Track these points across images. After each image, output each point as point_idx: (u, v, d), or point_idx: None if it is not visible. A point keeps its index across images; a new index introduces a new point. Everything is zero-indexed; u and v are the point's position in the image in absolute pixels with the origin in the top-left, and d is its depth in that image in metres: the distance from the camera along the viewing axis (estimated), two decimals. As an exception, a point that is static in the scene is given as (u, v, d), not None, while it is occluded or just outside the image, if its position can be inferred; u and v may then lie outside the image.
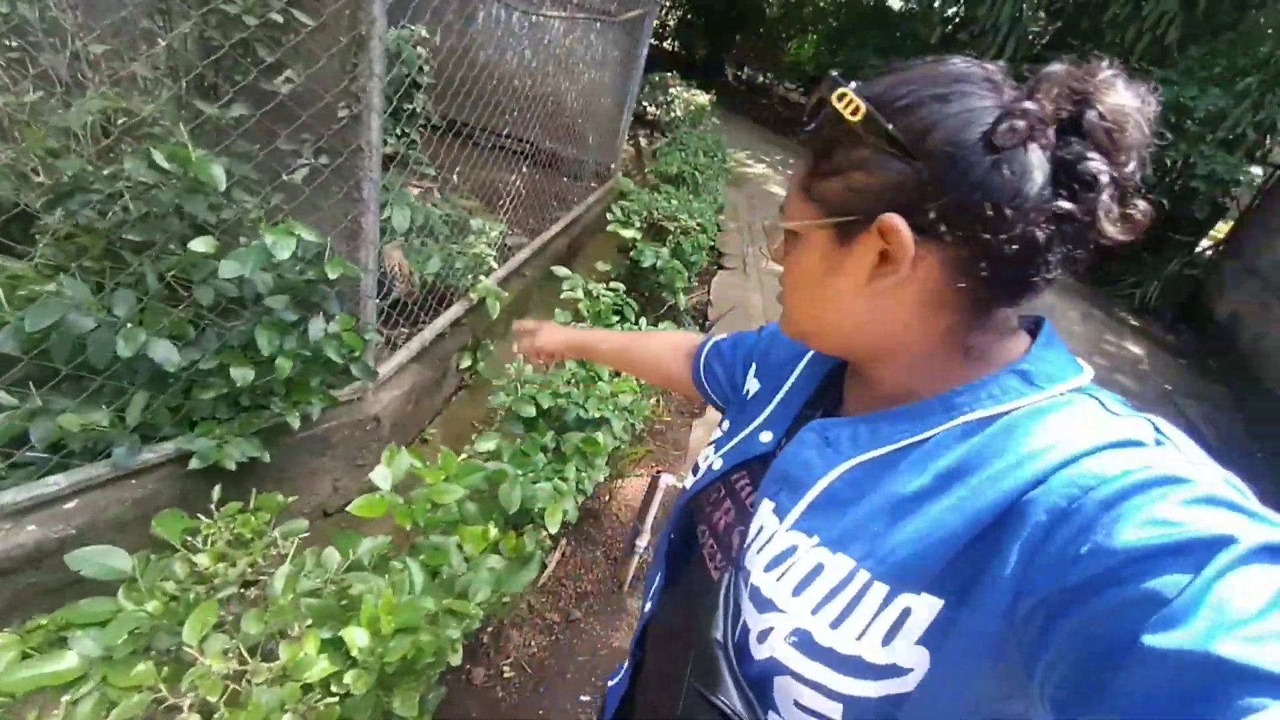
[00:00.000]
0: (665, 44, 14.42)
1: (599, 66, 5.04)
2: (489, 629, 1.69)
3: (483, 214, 3.82)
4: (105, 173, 1.11)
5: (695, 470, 0.69)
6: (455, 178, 4.37)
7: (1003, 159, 0.41)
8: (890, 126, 0.43)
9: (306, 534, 1.07)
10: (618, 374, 1.77)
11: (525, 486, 1.38)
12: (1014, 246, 0.42)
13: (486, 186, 4.42)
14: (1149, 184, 0.44)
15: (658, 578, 0.72)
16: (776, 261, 0.55)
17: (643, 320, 2.23)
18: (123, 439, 1.35)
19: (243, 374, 1.40)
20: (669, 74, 8.25)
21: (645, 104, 8.11)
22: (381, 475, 1.29)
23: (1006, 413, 0.45)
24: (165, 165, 1.08)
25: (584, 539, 2.09)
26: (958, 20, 9.21)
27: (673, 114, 7.42)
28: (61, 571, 1.01)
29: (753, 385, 0.71)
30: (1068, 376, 0.46)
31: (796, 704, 0.48)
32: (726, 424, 0.70)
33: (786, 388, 0.65)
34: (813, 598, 0.47)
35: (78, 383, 1.29)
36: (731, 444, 0.65)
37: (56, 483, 1.30)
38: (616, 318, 2.07)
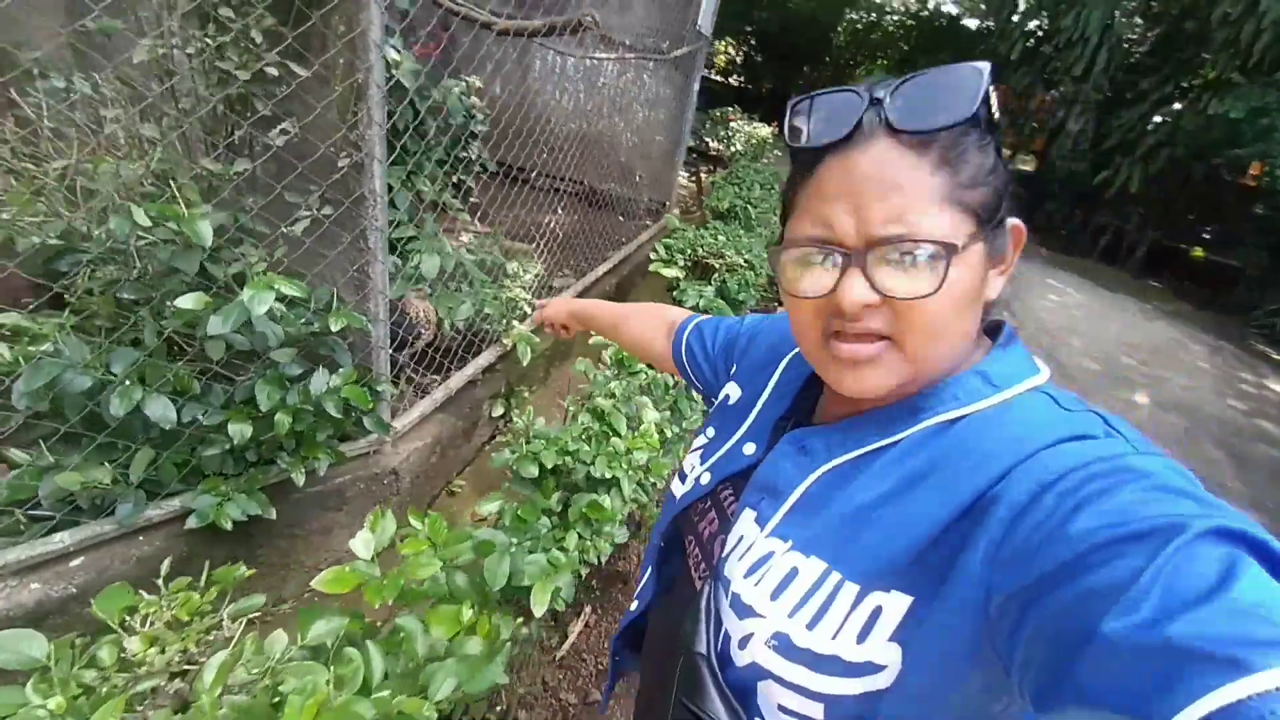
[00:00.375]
0: (731, 79, 14.51)
1: (652, 104, 5.04)
2: (497, 709, 1.55)
3: (531, 256, 3.83)
4: (97, 232, 1.11)
5: (683, 478, 0.69)
6: (507, 220, 4.46)
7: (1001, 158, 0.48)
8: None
9: (259, 613, 0.98)
10: (635, 428, 1.62)
11: (519, 557, 1.25)
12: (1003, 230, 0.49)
13: (539, 228, 4.47)
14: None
15: (646, 580, 0.74)
16: (902, 298, 0.45)
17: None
18: (128, 496, 1.34)
19: (240, 430, 1.37)
20: (730, 108, 8.22)
21: (708, 139, 8.09)
22: (362, 542, 1.19)
23: (967, 415, 0.47)
24: (144, 222, 1.07)
25: (610, 605, 1.92)
26: (1040, 34, 8.67)
27: (733, 148, 7.34)
28: (60, 631, 0.98)
29: (733, 391, 0.71)
30: (1025, 377, 0.48)
31: (780, 708, 0.48)
32: (711, 431, 0.70)
33: (765, 396, 0.66)
34: (789, 600, 0.48)
35: (92, 440, 1.30)
36: (717, 456, 0.66)
37: (62, 540, 1.30)
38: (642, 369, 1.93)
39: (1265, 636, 0.28)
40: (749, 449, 0.63)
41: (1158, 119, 7.64)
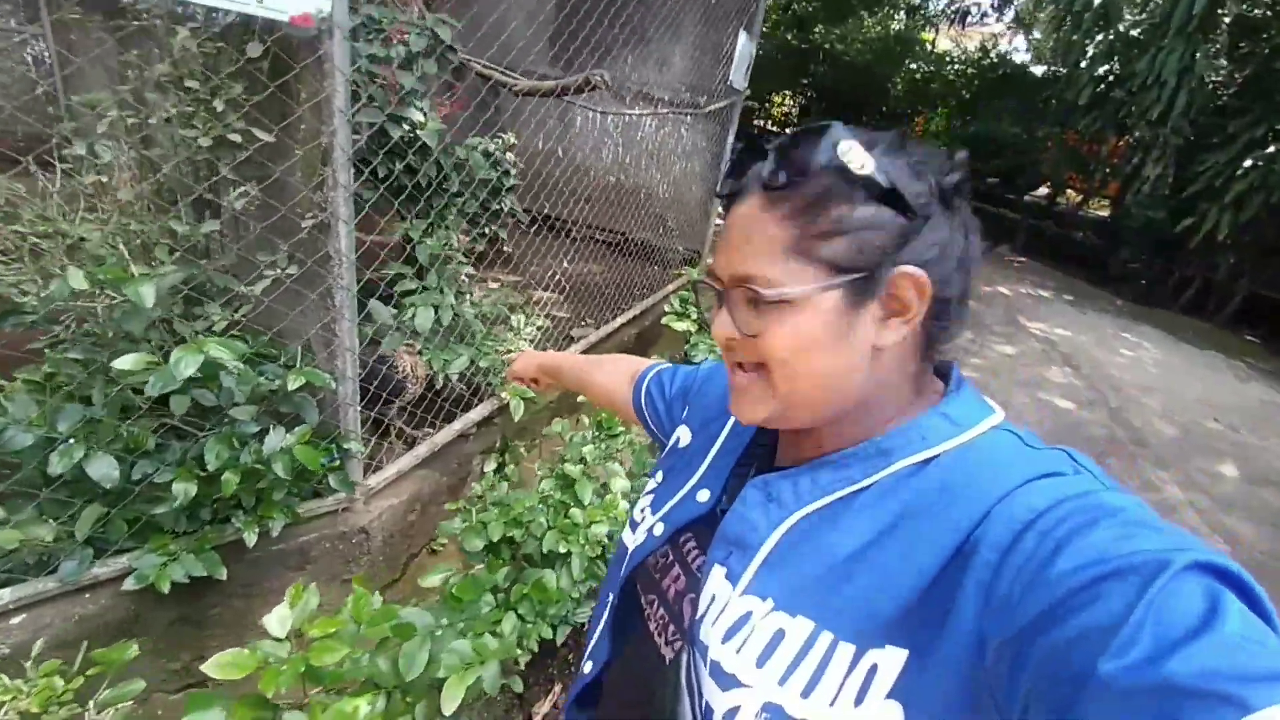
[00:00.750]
0: (789, 130, 14.56)
1: (688, 157, 5.07)
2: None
3: (537, 308, 3.83)
4: (43, 295, 1.13)
5: (634, 527, 0.65)
6: (540, 270, 4.51)
7: (953, 214, 0.47)
8: (889, 179, 0.45)
9: (130, 701, 0.92)
10: (601, 495, 1.51)
11: (446, 640, 1.15)
12: (957, 291, 0.48)
13: (570, 278, 4.50)
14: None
15: (598, 639, 0.68)
16: (747, 335, 0.49)
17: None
18: (73, 552, 1.34)
19: (184, 489, 1.35)
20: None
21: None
22: (277, 619, 1.13)
23: (937, 456, 0.47)
24: (80, 286, 1.08)
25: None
26: (1111, 78, 8.28)
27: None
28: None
29: (684, 435, 0.69)
30: (984, 416, 0.49)
31: None
32: (661, 475, 0.68)
33: (720, 441, 0.64)
34: (778, 667, 0.45)
35: (46, 496, 1.31)
36: (670, 505, 0.63)
37: (1, 597, 1.30)
38: (621, 430, 1.83)
39: (1259, 671, 0.28)
40: (703, 496, 0.60)
41: (1248, 163, 7.05)
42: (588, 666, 0.69)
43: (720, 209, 0.55)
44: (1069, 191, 10.79)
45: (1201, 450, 4.17)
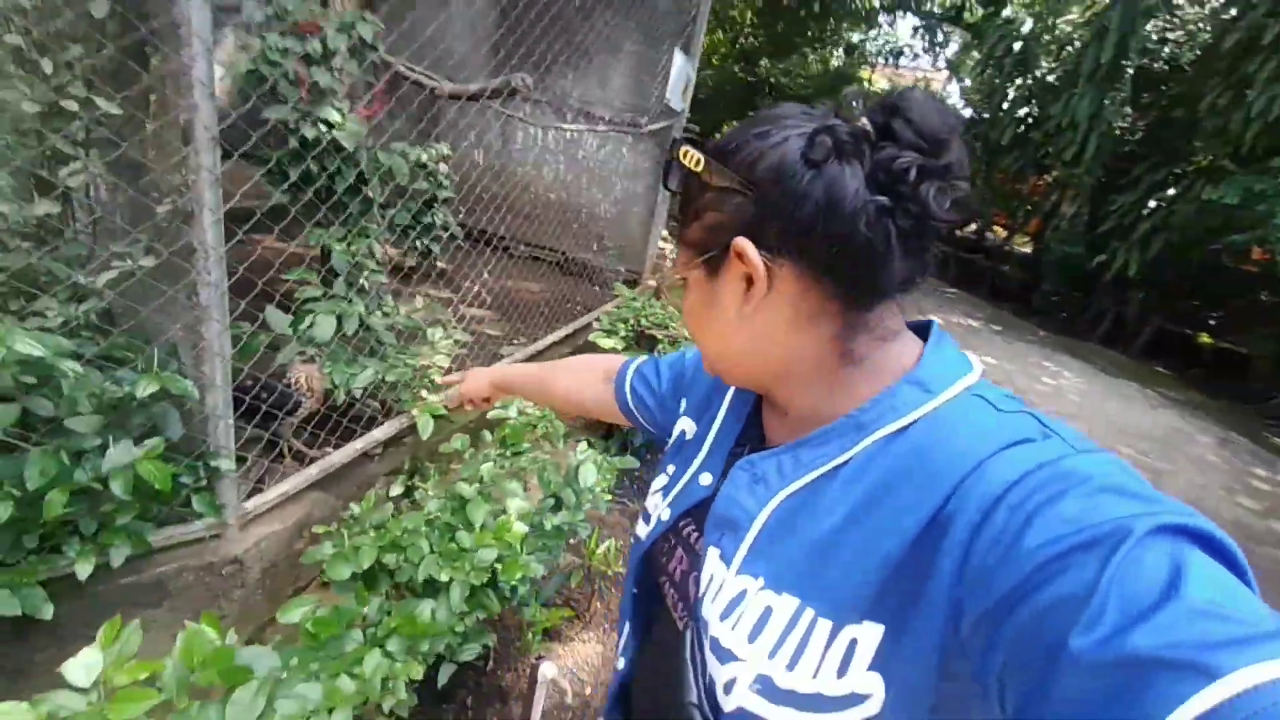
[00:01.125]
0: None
1: (630, 177, 5.05)
2: None
3: (449, 325, 3.69)
4: None
5: (646, 519, 0.68)
6: (475, 286, 4.36)
7: (820, 173, 0.45)
8: (723, 167, 0.49)
9: None
10: (498, 516, 1.38)
11: (291, 684, 0.99)
12: (849, 247, 0.46)
13: (506, 294, 4.36)
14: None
15: (626, 633, 0.72)
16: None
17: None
18: None
19: (-7, 514, 1.15)
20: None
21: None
22: (82, 665, 0.95)
23: (911, 424, 0.47)
24: None
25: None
26: (1030, 121, 8.83)
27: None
28: None
29: (688, 426, 0.71)
30: (959, 376, 0.48)
31: None
32: (671, 468, 0.69)
33: (716, 425, 0.66)
34: (767, 642, 0.48)
35: None
36: (675, 490, 0.65)
37: None
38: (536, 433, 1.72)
39: (1223, 636, 0.29)
40: (705, 479, 0.62)
41: (1153, 204, 7.60)
42: (620, 663, 0.72)
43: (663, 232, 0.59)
44: (996, 227, 11.40)
45: (1117, 472, 4.33)
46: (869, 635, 0.44)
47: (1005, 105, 8.95)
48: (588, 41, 4.65)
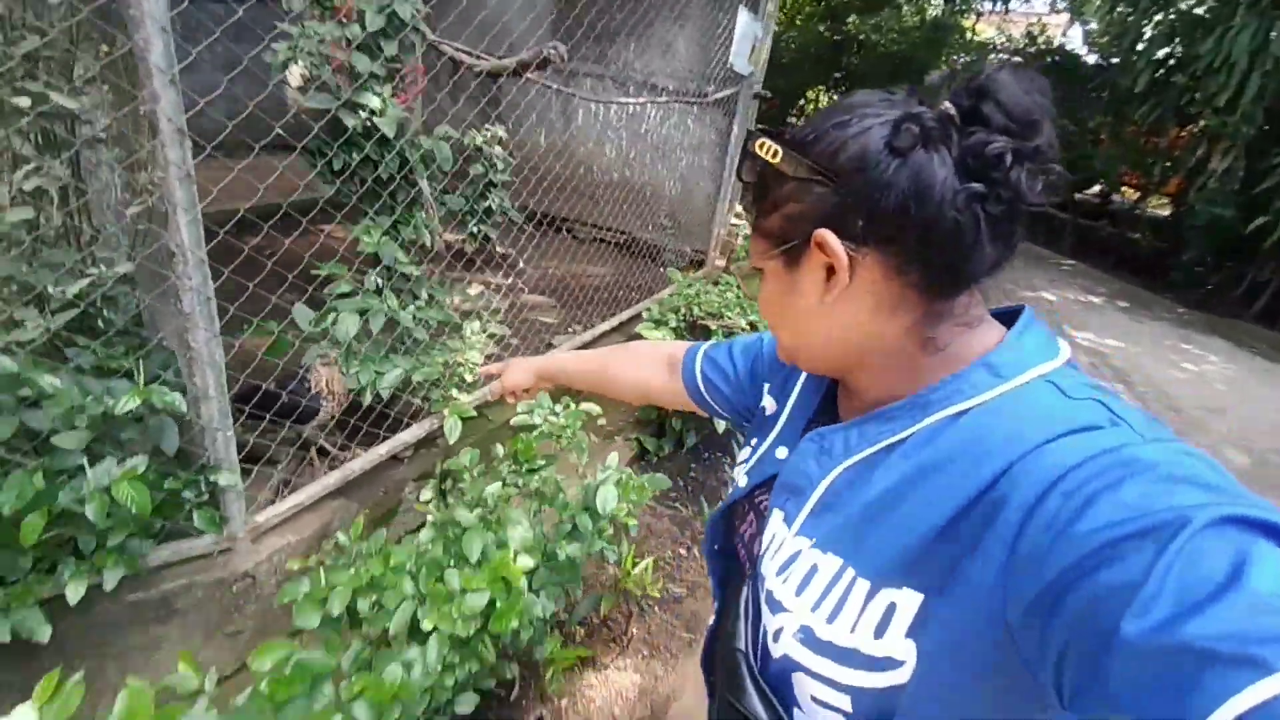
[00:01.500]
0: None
1: (695, 151, 4.74)
2: None
3: (552, 311, 3.56)
4: None
5: (732, 485, 0.72)
6: (538, 271, 4.24)
7: (906, 162, 0.45)
8: (804, 157, 0.49)
9: None
10: (484, 560, 1.20)
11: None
12: (936, 235, 0.45)
13: (571, 279, 4.22)
14: None
15: (714, 590, 0.77)
16: (751, 298, 0.68)
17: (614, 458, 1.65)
18: None
19: (-30, 538, 1.10)
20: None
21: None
22: (16, 726, 0.87)
23: (974, 407, 0.46)
24: None
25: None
26: (1172, 63, 7.58)
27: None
28: None
29: (769, 403, 0.73)
30: (1036, 363, 0.47)
31: (813, 699, 0.50)
32: (754, 441, 0.71)
33: (791, 402, 0.68)
34: (811, 596, 0.51)
35: None
36: (752, 462, 0.68)
37: None
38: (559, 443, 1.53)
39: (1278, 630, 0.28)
40: (781, 453, 0.64)
41: (1332, 155, 6.32)
42: (712, 619, 0.74)
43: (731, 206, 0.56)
44: (1124, 188, 10.01)
45: (1277, 487, 3.62)
46: (908, 601, 0.45)
47: (1140, 46, 7.72)
48: (649, 9, 4.36)
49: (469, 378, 2.13)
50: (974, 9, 12.08)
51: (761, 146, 0.51)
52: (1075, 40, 11.71)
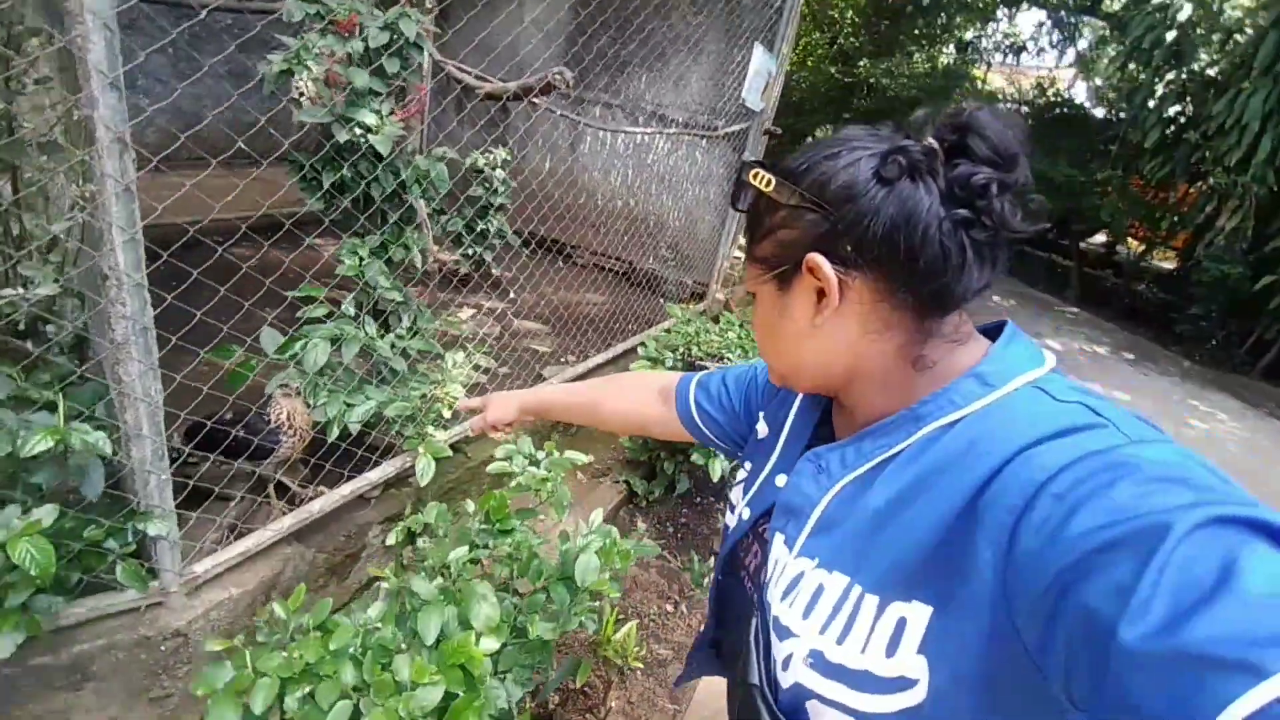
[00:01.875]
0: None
1: (702, 183, 4.67)
2: None
3: (546, 339, 3.42)
4: None
5: (732, 510, 0.71)
6: (533, 296, 4.12)
7: (893, 190, 0.47)
8: (796, 186, 0.51)
9: None
10: (443, 637, 1.04)
11: None
12: (923, 259, 0.47)
13: (566, 307, 4.09)
14: None
15: (707, 612, 0.80)
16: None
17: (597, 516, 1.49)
18: None
19: None
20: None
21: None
22: None
23: (966, 416, 0.48)
24: None
25: None
26: (1183, 120, 7.60)
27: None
28: None
29: (762, 428, 0.73)
30: (1022, 371, 0.48)
31: None
32: (748, 464, 0.72)
33: (788, 428, 0.68)
34: (819, 618, 0.50)
35: None
36: (752, 491, 0.68)
37: None
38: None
39: (1274, 631, 0.28)
40: (780, 481, 0.64)
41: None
42: (706, 623, 0.80)
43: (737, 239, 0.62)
44: (1130, 240, 9.99)
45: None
46: (917, 615, 0.44)
47: (1151, 103, 7.74)
48: (664, 42, 4.31)
49: (447, 413, 1.98)
50: (985, 60, 12.22)
51: (756, 176, 0.53)
52: (1080, 95, 11.85)
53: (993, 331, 0.54)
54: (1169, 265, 9.93)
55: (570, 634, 1.92)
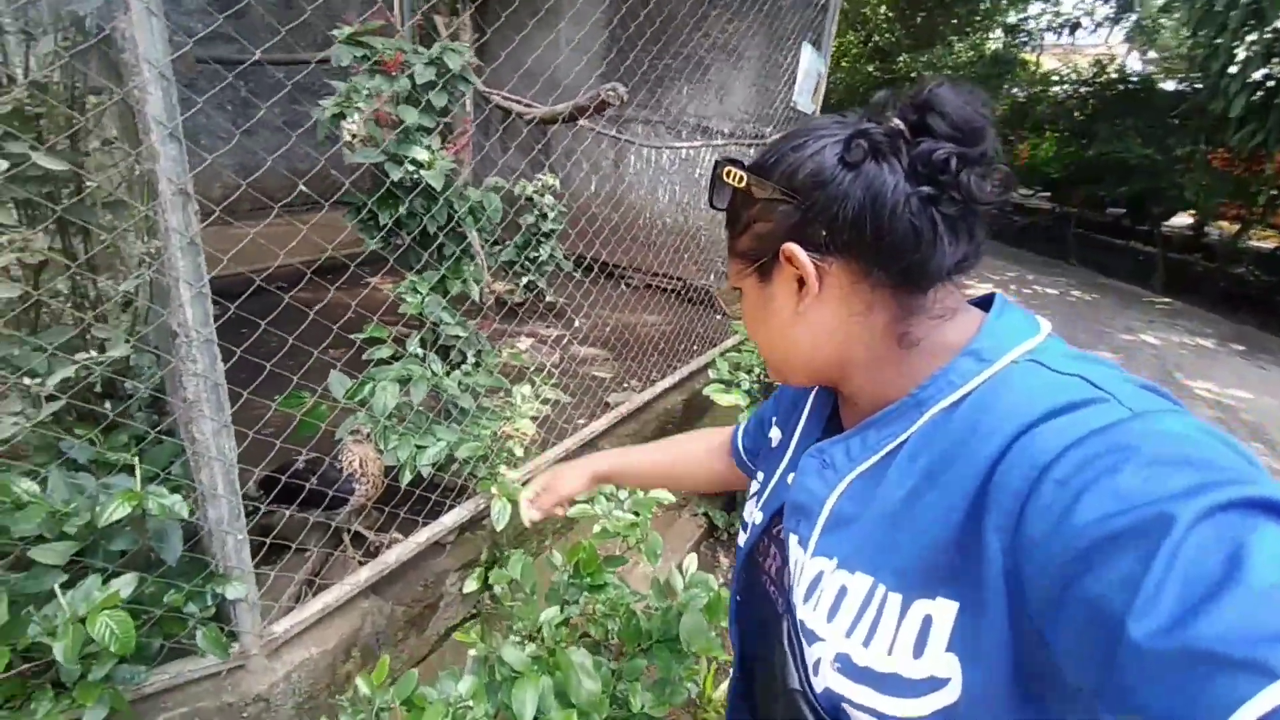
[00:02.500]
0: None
1: (754, 194, 4.51)
2: None
3: (606, 365, 3.34)
4: None
5: (745, 528, 0.70)
6: (589, 321, 4.05)
7: (859, 174, 0.48)
8: (766, 179, 0.52)
9: None
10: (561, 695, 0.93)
11: None
12: (894, 237, 0.48)
13: (623, 330, 4.01)
14: None
15: (730, 637, 0.75)
16: (736, 318, 0.78)
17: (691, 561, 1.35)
18: None
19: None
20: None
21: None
22: None
23: (967, 395, 0.47)
24: None
25: None
26: (1272, 84, 6.98)
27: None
28: None
29: (775, 434, 0.72)
30: (1017, 342, 0.48)
31: None
32: (760, 475, 0.71)
33: (799, 428, 0.67)
34: (844, 620, 0.49)
35: None
36: (766, 493, 0.67)
37: None
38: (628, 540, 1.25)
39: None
40: (791, 478, 0.62)
41: None
42: (731, 668, 0.75)
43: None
44: (1220, 220, 9.22)
45: None
46: (944, 612, 0.43)
47: (1232, 69, 7.15)
48: (703, 53, 4.24)
49: (519, 451, 1.89)
50: (1036, 42, 11.68)
51: (729, 174, 0.55)
52: (1137, 65, 11.14)
53: (986, 305, 0.53)
54: (1269, 244, 9.10)
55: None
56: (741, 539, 0.70)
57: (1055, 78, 11.10)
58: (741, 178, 0.54)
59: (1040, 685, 0.39)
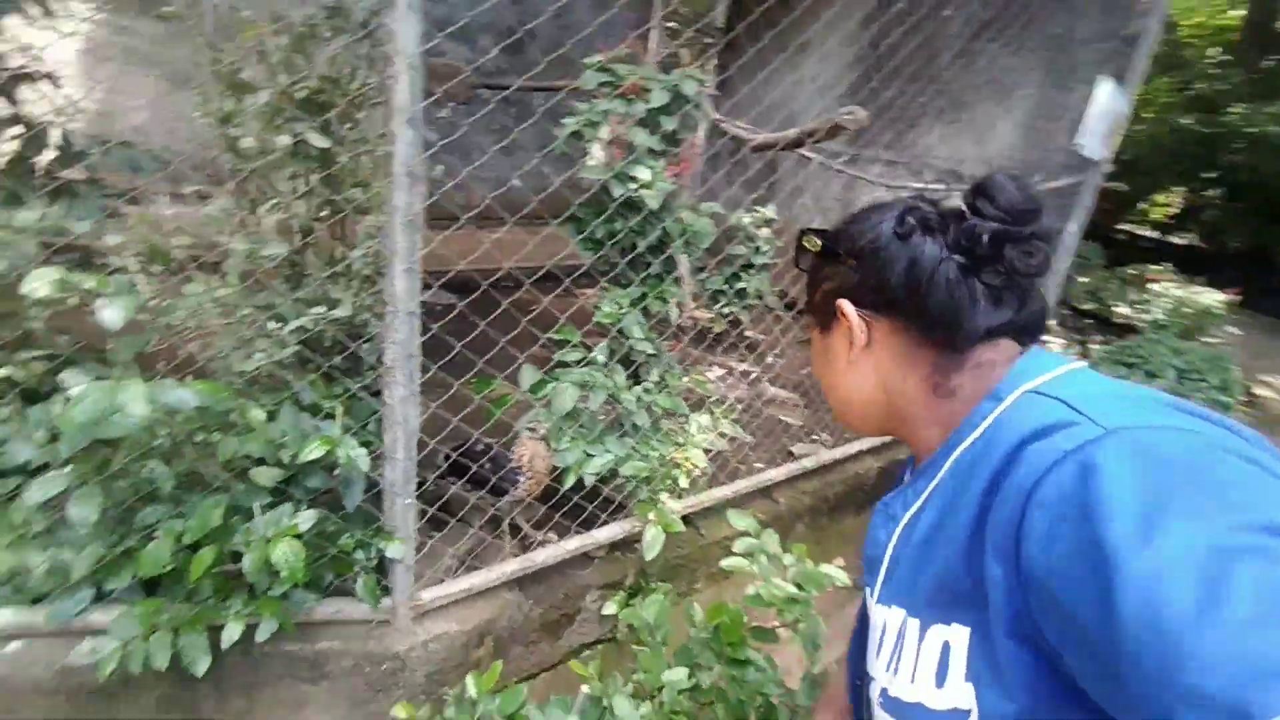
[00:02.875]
0: (1173, 237, 11.27)
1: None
2: None
3: (796, 411, 3.13)
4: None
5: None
6: (784, 360, 3.84)
7: (907, 244, 0.55)
8: (835, 246, 0.61)
9: None
10: None
11: None
12: (932, 301, 0.54)
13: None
14: None
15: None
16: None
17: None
18: (65, 592, 1.17)
19: (155, 554, 1.08)
20: (1156, 266, 6.09)
21: (1110, 302, 6.11)
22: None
23: (982, 434, 0.50)
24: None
25: None
26: None
27: (1153, 316, 5.30)
28: None
29: None
30: (1030, 379, 0.51)
31: None
32: None
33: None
34: (884, 655, 0.54)
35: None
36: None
37: None
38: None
39: (1268, 666, 0.29)
40: None
41: None
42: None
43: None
44: None
45: None
46: (958, 638, 0.46)
47: None
48: (963, 91, 3.82)
49: (684, 481, 1.80)
50: None
51: (808, 240, 0.65)
52: None
53: None
54: None
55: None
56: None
57: None
58: (817, 243, 0.63)
59: (1062, 708, 0.40)
